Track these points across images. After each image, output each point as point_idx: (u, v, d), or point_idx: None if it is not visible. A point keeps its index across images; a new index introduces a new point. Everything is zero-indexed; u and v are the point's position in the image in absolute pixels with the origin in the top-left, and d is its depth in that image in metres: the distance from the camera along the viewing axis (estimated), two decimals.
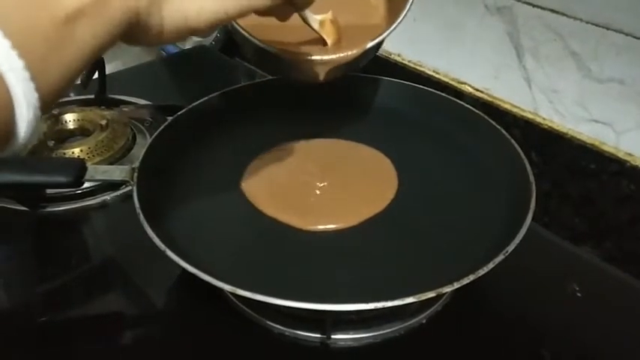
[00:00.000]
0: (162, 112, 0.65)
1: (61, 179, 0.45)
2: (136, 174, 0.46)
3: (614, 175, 0.56)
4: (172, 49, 0.96)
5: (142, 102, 0.72)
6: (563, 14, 0.56)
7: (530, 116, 0.62)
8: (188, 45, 0.97)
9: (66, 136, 0.64)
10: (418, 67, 0.72)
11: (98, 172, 0.47)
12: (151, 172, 0.48)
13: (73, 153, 0.60)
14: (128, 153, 0.63)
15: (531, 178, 0.46)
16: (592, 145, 0.58)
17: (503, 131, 0.53)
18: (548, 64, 0.59)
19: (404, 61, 0.73)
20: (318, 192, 0.51)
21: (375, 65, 0.75)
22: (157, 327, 0.49)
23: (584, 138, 0.59)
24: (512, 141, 0.52)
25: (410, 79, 0.70)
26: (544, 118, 0.62)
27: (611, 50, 0.54)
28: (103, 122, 0.63)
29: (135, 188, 0.44)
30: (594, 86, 0.57)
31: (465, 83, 0.68)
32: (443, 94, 0.61)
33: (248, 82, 0.66)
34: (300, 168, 0.53)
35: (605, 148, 0.57)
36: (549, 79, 0.60)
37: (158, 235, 0.40)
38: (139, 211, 0.42)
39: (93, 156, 0.60)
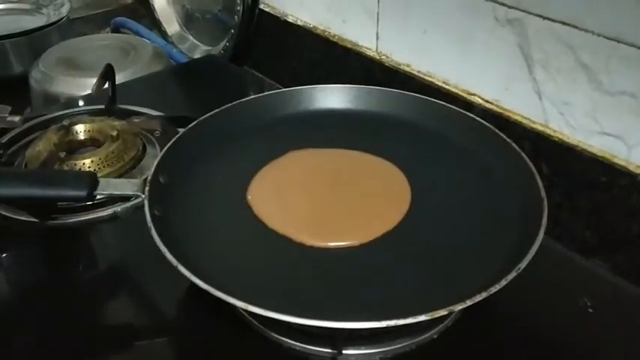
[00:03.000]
0: (172, 123, 0.65)
1: (74, 193, 0.46)
2: (147, 187, 0.46)
3: (625, 188, 0.56)
4: (181, 58, 0.96)
5: (152, 112, 0.72)
6: (574, 27, 0.56)
7: (540, 128, 0.62)
8: (197, 54, 0.98)
9: (76, 147, 0.65)
10: (428, 78, 0.72)
11: (110, 185, 0.47)
12: (162, 185, 0.49)
13: (84, 164, 0.60)
14: (139, 163, 0.63)
15: (543, 194, 0.46)
16: (603, 157, 0.58)
17: (516, 146, 0.53)
18: (559, 76, 0.59)
19: (413, 72, 0.73)
20: (328, 206, 0.50)
21: (384, 75, 0.76)
22: (166, 339, 0.49)
23: (594, 151, 0.58)
24: (525, 157, 0.52)
25: (420, 89, 0.70)
26: (554, 130, 0.61)
27: (623, 63, 0.54)
28: (114, 133, 0.63)
29: (146, 202, 0.45)
30: (605, 99, 0.56)
31: (475, 94, 0.68)
32: (456, 108, 0.61)
33: (258, 94, 0.66)
34: (308, 180, 0.53)
35: (616, 161, 0.57)
36: (560, 91, 0.60)
37: (170, 250, 0.40)
38: (150, 225, 0.42)
39: (104, 167, 0.61)
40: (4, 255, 0.55)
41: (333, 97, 0.63)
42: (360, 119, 0.62)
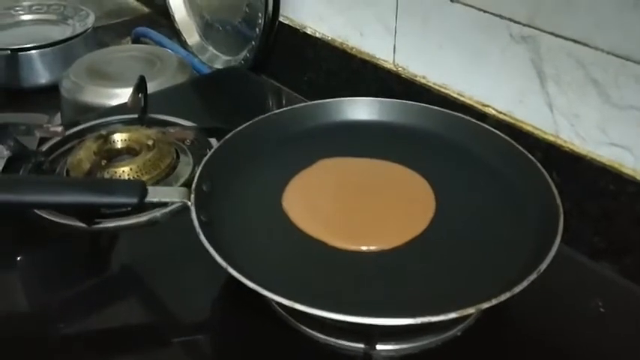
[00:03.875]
0: (205, 133, 0.69)
1: (126, 200, 0.49)
2: (193, 195, 0.50)
3: (633, 196, 0.59)
4: (203, 68, 1.00)
5: (182, 122, 0.76)
6: (585, 44, 0.60)
7: (551, 139, 0.66)
8: (218, 64, 1.02)
9: (114, 155, 0.68)
10: (443, 90, 0.75)
11: (158, 193, 0.51)
12: (205, 192, 0.52)
13: (123, 172, 0.64)
14: (173, 171, 0.67)
15: (558, 201, 0.50)
16: (611, 167, 0.61)
17: (532, 157, 0.57)
18: (570, 90, 0.63)
19: (429, 84, 0.77)
20: (358, 211, 0.54)
21: (400, 87, 0.79)
22: (203, 336, 0.52)
23: (603, 160, 0.62)
24: (540, 166, 0.56)
25: (435, 101, 0.73)
26: (565, 141, 0.65)
27: (631, 79, 0.57)
28: (150, 142, 0.67)
29: (193, 209, 0.48)
30: (614, 112, 0.60)
31: (488, 106, 0.71)
32: (476, 121, 0.65)
33: (278, 103, 0.69)
34: (339, 187, 0.57)
35: (624, 170, 0.60)
36: (571, 105, 0.63)
37: (219, 254, 0.44)
38: (198, 230, 0.46)
39: (141, 174, 0.64)
40: (53, 257, 0.59)
41: (359, 109, 0.67)
42: (385, 130, 0.66)
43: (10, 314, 0.53)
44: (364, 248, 0.51)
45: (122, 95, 0.82)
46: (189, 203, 0.49)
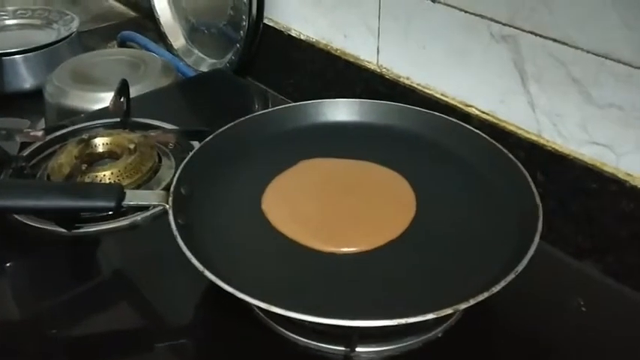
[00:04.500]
0: (187, 136, 0.69)
1: (103, 204, 0.49)
2: (170, 198, 0.49)
3: (615, 195, 0.60)
4: (188, 71, 1.00)
5: (166, 125, 0.76)
6: (565, 43, 0.60)
7: (534, 138, 0.66)
8: (203, 67, 1.01)
9: (96, 159, 0.68)
10: (427, 90, 0.75)
11: (136, 196, 0.51)
12: (183, 195, 0.52)
13: (104, 176, 0.63)
14: (155, 175, 0.67)
15: (538, 201, 0.50)
16: (593, 165, 0.61)
17: (512, 156, 0.57)
18: (551, 90, 0.63)
19: (413, 84, 0.77)
20: (338, 213, 0.54)
21: (385, 88, 0.79)
22: (185, 341, 0.52)
23: (585, 159, 0.62)
24: (520, 166, 0.56)
25: (419, 101, 0.73)
26: (547, 140, 0.65)
27: (611, 78, 0.57)
28: (131, 146, 0.67)
29: (171, 212, 0.48)
30: (595, 111, 0.60)
31: (471, 106, 0.71)
32: (456, 121, 0.65)
33: (263, 105, 0.69)
34: (319, 188, 0.57)
35: (606, 168, 0.60)
36: (552, 104, 0.63)
37: (196, 257, 0.43)
38: (176, 233, 0.46)
39: (123, 178, 0.64)
40: (33, 263, 0.58)
41: (340, 110, 0.67)
42: (366, 131, 0.66)
43: None
44: (344, 250, 0.51)
45: (106, 99, 0.81)
46: (167, 206, 0.49)
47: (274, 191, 0.56)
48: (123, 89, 0.73)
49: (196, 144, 0.68)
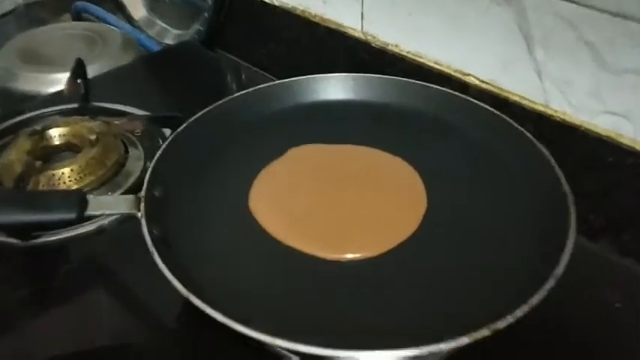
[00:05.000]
0: (157, 123, 0.61)
1: (61, 216, 0.42)
2: (142, 204, 0.42)
3: (633, 168, 0.55)
4: (152, 45, 0.91)
5: (128, 109, 0.68)
6: (576, 2, 0.54)
7: (541, 109, 0.60)
8: (168, 39, 0.93)
9: (52, 154, 0.60)
10: (418, 59, 0.69)
11: (101, 204, 0.43)
12: (157, 199, 0.45)
13: (63, 174, 0.56)
14: (122, 168, 0.59)
15: (566, 188, 0.44)
16: (608, 137, 0.56)
17: (532, 137, 0.51)
18: (561, 55, 0.57)
19: (402, 53, 0.70)
20: (337, 212, 0.47)
21: (371, 57, 0.72)
22: (163, 354, 0.46)
23: (599, 130, 0.57)
24: (545, 151, 0.50)
25: (410, 71, 0.67)
26: (556, 111, 0.60)
27: (628, 40, 0.52)
28: (92, 137, 0.59)
29: (144, 222, 0.41)
30: (609, 78, 0.55)
31: (470, 75, 0.65)
32: (463, 96, 0.58)
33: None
34: (313, 181, 0.50)
35: (623, 140, 0.56)
36: (562, 71, 0.58)
37: (178, 277, 0.37)
38: (152, 250, 0.39)
39: (84, 175, 0.56)
40: None
41: (332, 87, 0.60)
42: (362, 110, 0.59)
43: None
44: (349, 256, 0.44)
45: (61, 81, 0.73)
46: (139, 215, 0.42)
47: (262, 187, 0.49)
48: (79, 69, 0.65)
49: (168, 131, 0.61)
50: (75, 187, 0.56)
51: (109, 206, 0.43)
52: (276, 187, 0.49)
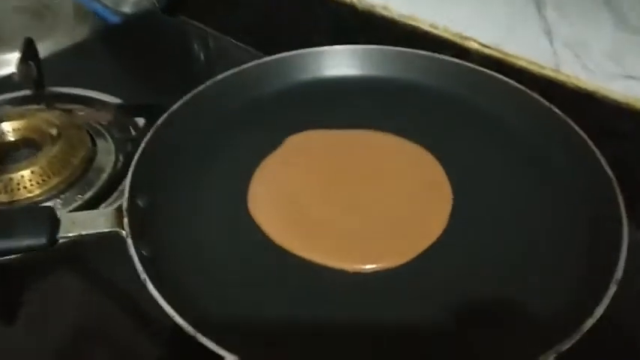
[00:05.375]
0: (130, 112, 0.53)
1: (28, 243, 0.35)
2: (126, 219, 0.36)
3: None
4: (109, 15, 0.82)
5: (91, 93, 0.60)
6: None
7: (551, 74, 0.56)
8: (125, 7, 0.83)
9: (6, 152, 0.52)
10: (411, 22, 0.62)
11: (76, 223, 0.36)
12: (142, 210, 0.38)
13: (22, 177, 0.48)
14: (91, 165, 0.52)
15: (610, 173, 0.39)
16: (627, 104, 0.52)
17: (569, 120, 0.46)
18: (575, 14, 0.52)
19: (392, 15, 0.64)
20: (352, 213, 0.41)
21: (357, 21, 0.66)
22: None
23: (617, 96, 0.53)
24: (582, 133, 0.46)
25: (401, 36, 0.61)
26: (568, 76, 0.55)
27: None
28: (54, 131, 0.51)
29: (131, 243, 0.34)
30: (631, 38, 0.50)
31: (470, 39, 0.60)
32: (489, 72, 0.52)
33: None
34: (321, 176, 0.44)
35: None
36: (576, 31, 0.53)
37: (177, 309, 0.31)
38: (144, 277, 0.33)
39: (48, 177, 0.49)
40: None
41: (333, 61, 0.53)
42: (368, 88, 0.52)
43: None
44: (369, 267, 0.38)
45: (9, 64, 0.63)
46: (124, 233, 0.35)
47: (262, 186, 0.43)
48: (28, 50, 0.56)
49: (141, 120, 0.53)
50: (38, 191, 0.48)
51: (86, 225, 0.36)
52: (278, 187, 0.43)
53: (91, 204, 0.49)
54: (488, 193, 0.43)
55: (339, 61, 0.53)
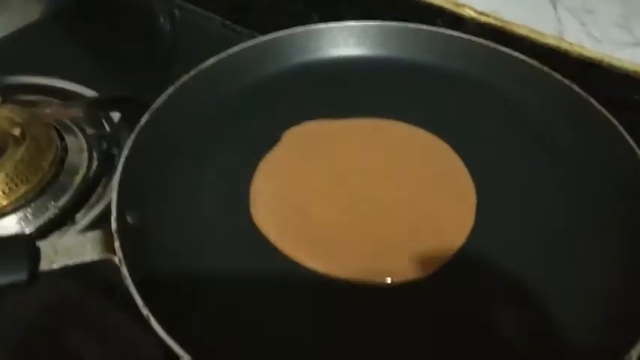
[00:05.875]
0: (103, 107, 0.48)
1: (6, 280, 0.30)
2: (117, 243, 0.31)
3: None
4: None
5: (51, 81, 0.54)
6: None
7: (553, 42, 0.53)
8: None
9: None
10: None
11: (59, 252, 0.31)
12: (132, 227, 0.34)
13: None
14: (62, 167, 0.47)
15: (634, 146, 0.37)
16: (635, 72, 0.49)
17: (601, 107, 0.43)
18: None
19: None
20: (366, 218, 0.37)
21: None
22: None
23: (625, 65, 0.50)
24: (612, 118, 0.42)
25: (386, 4, 0.56)
26: (571, 44, 0.52)
27: None
28: (16, 131, 0.45)
29: (126, 272, 0.30)
30: None
31: (464, 5, 0.56)
32: (512, 52, 0.48)
33: (220, 54, 0.47)
34: (329, 174, 0.39)
35: None
36: None
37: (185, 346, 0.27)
38: (146, 313, 0.29)
39: (15, 185, 0.44)
40: None
41: (333, 40, 0.48)
42: (371, 70, 0.47)
43: None
44: (388, 280, 0.34)
45: None
46: (116, 259, 0.31)
47: (265, 191, 0.38)
48: None
49: (116, 115, 0.48)
50: (5, 202, 0.43)
51: (70, 253, 0.31)
52: (283, 189, 0.38)
53: (67, 211, 0.44)
54: (509, 187, 0.39)
55: (337, 41, 0.48)
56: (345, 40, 0.48)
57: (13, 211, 0.44)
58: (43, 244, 0.32)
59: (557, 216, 0.38)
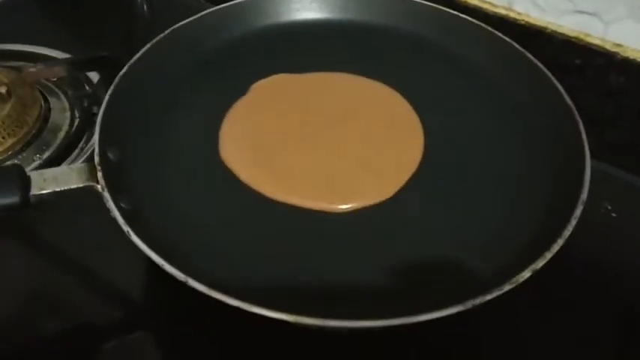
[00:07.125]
0: (82, 67, 0.51)
1: (2, 202, 0.33)
2: (100, 173, 0.35)
3: (601, 69, 0.53)
4: None
5: (33, 48, 0.57)
6: None
7: (503, 12, 0.57)
8: None
9: None
10: None
11: (47, 179, 0.35)
12: (114, 162, 0.38)
13: None
14: (46, 124, 0.50)
15: (576, 115, 0.41)
16: (576, 38, 0.54)
17: (537, 61, 0.48)
18: None
19: None
20: (326, 155, 0.41)
21: None
22: (138, 338, 0.40)
23: (566, 31, 0.54)
24: (548, 73, 0.47)
25: None
26: (519, 13, 0.56)
27: None
28: (3, 90, 0.49)
29: (108, 197, 0.34)
30: None
31: None
32: (457, 14, 0.53)
33: (193, 16, 0.51)
34: (291, 120, 0.44)
35: (591, 40, 0.53)
36: None
37: (173, 264, 0.31)
38: (127, 229, 0.32)
39: (3, 138, 0.47)
40: None
41: (296, 4, 0.52)
42: (335, 32, 0.52)
43: None
44: (349, 206, 0.38)
45: None
46: (99, 187, 0.35)
47: (233, 134, 0.42)
48: None
49: (95, 75, 0.52)
50: None
51: (58, 181, 0.35)
52: (249, 132, 0.43)
53: (50, 164, 0.48)
54: (455, 132, 0.44)
55: (304, 4, 0.52)
56: (309, 4, 0.52)
57: (1, 162, 0.47)
58: (33, 173, 0.35)
59: (495, 150, 0.43)
